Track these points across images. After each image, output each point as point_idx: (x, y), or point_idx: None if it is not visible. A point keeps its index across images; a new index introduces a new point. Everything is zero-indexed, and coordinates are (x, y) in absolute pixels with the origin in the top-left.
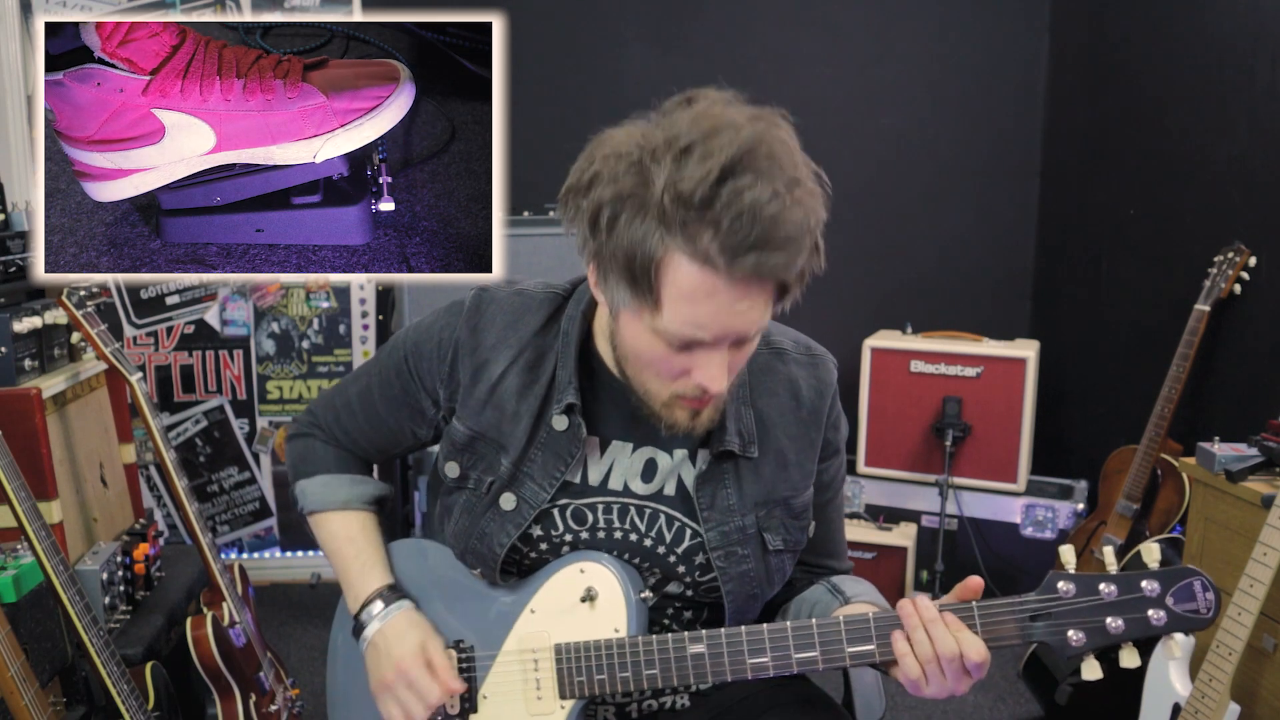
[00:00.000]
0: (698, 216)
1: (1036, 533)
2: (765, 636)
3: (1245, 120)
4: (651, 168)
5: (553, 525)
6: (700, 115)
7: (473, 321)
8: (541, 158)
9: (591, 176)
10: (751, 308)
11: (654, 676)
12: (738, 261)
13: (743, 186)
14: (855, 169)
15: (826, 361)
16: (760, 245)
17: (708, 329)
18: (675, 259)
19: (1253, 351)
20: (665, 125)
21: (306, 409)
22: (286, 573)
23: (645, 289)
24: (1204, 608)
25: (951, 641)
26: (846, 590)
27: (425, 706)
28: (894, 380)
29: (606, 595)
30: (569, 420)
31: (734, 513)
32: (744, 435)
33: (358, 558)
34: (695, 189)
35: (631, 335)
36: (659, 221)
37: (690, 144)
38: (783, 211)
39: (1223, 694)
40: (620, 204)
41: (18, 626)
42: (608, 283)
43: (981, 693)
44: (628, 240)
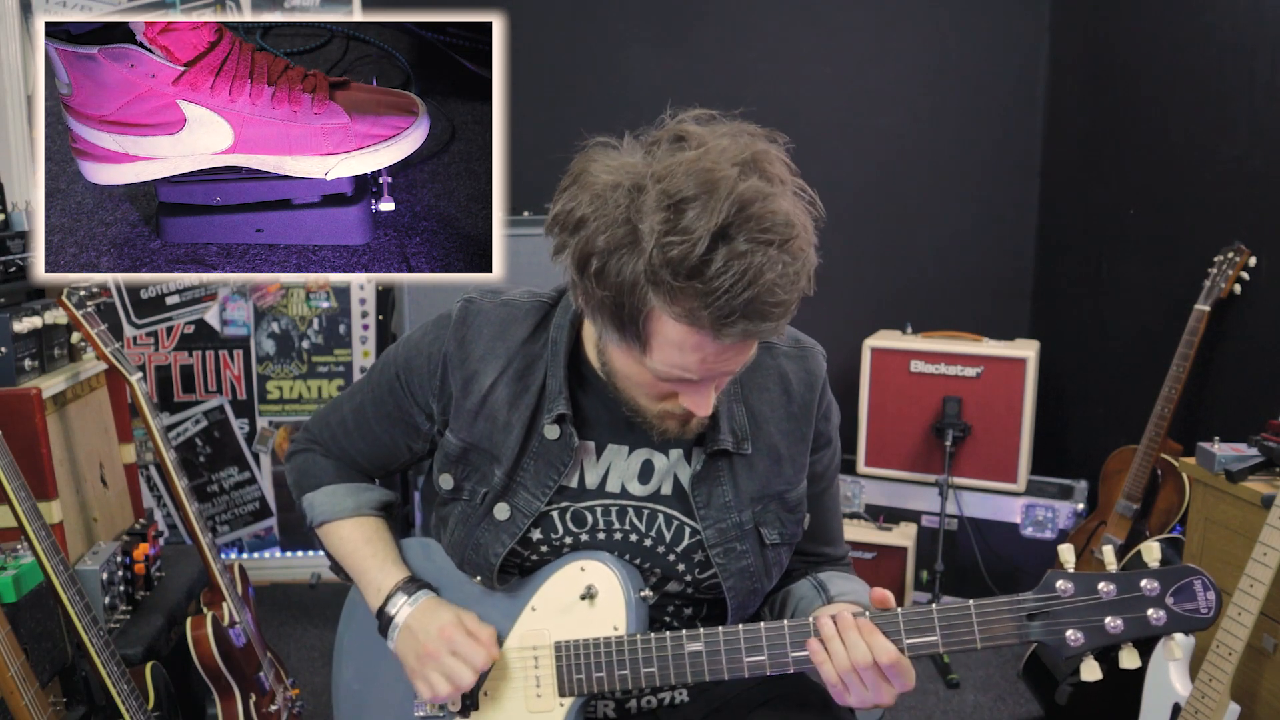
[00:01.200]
0: (687, 285)
1: (1036, 533)
2: (762, 635)
3: (1245, 120)
4: (642, 222)
5: (552, 528)
6: (693, 166)
7: (460, 334)
8: (541, 158)
9: (580, 218)
10: (738, 356)
11: (652, 674)
12: (726, 330)
13: (735, 253)
14: (855, 169)
15: (815, 353)
16: (749, 316)
17: (694, 372)
18: (663, 316)
19: (1253, 351)
20: (656, 170)
21: (303, 428)
22: (286, 573)
23: (633, 335)
24: (1204, 607)
25: (863, 648)
26: (832, 589)
27: (472, 670)
28: (894, 380)
29: (606, 593)
30: (561, 429)
31: (730, 509)
32: (737, 433)
33: (375, 556)
34: (687, 255)
35: (620, 363)
36: (649, 279)
37: (682, 200)
38: (774, 278)
39: (1223, 694)
40: (609, 256)
41: (18, 626)
42: (595, 320)
43: (981, 693)
44: (615, 290)
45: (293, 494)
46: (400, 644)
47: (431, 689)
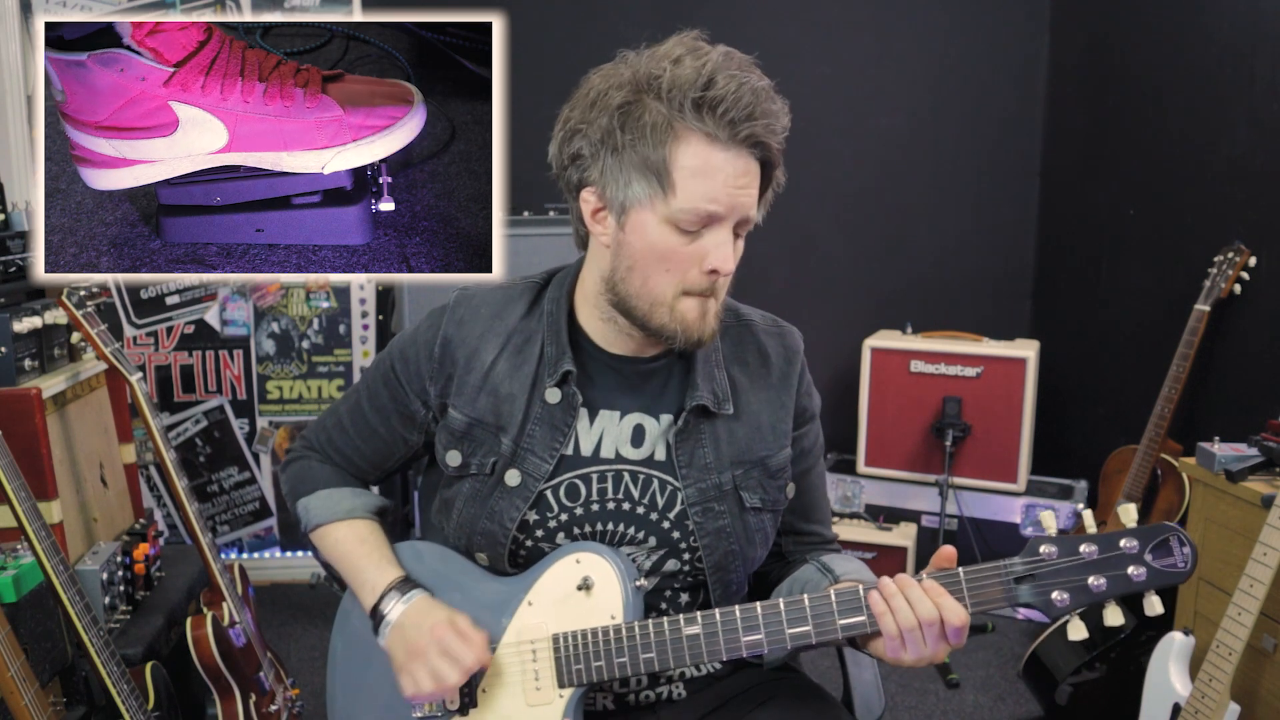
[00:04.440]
0: (700, 99)
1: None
2: (759, 614)
3: (1245, 120)
4: (651, 72)
5: (548, 507)
6: (675, 42)
7: (457, 315)
8: (541, 158)
9: (595, 95)
10: (750, 183)
11: (650, 660)
12: (739, 130)
13: (732, 76)
14: (855, 169)
15: (793, 333)
16: (755, 117)
17: (719, 201)
18: (685, 140)
19: (1253, 351)
20: (647, 54)
21: (299, 437)
22: (286, 573)
23: (661, 174)
24: (1181, 561)
25: (930, 606)
26: (836, 569)
27: (460, 670)
28: (894, 380)
29: (602, 583)
30: (562, 392)
31: (710, 470)
32: (718, 394)
33: (369, 556)
34: (696, 78)
35: (642, 234)
36: (668, 109)
37: (679, 56)
38: (765, 92)
39: (1223, 694)
40: (628, 109)
41: (18, 626)
42: (619, 185)
43: (981, 693)
44: (642, 132)
45: (287, 501)
46: (391, 641)
47: (416, 686)
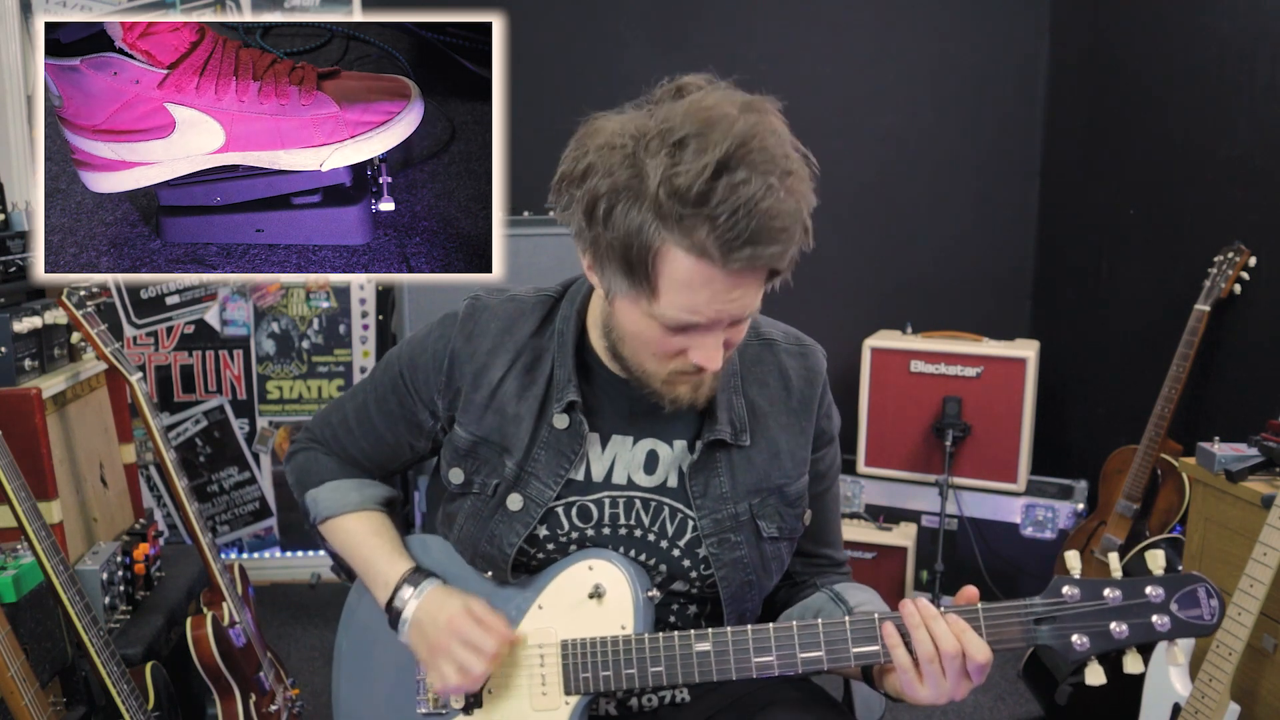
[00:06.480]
0: (694, 212)
1: (1036, 533)
2: (771, 635)
3: (1245, 120)
4: (646, 161)
5: (558, 524)
6: (693, 107)
7: (467, 329)
8: (541, 158)
9: (586, 167)
10: (745, 294)
11: (659, 674)
12: (733, 255)
13: (737, 181)
14: (855, 169)
15: (816, 352)
16: (755, 240)
17: (703, 314)
18: (671, 251)
19: (1253, 351)
20: (658, 116)
21: (303, 428)
22: (286, 573)
23: (642, 278)
24: (1208, 614)
25: (953, 639)
26: (850, 599)
27: (484, 659)
28: (894, 380)
29: (614, 592)
30: (570, 418)
31: (726, 500)
32: (735, 424)
33: (380, 549)
34: (691, 184)
35: (628, 320)
36: (655, 215)
37: (684, 137)
38: (776, 204)
39: (1223, 694)
40: (616, 196)
41: (18, 626)
42: (604, 271)
43: (981, 693)
44: (624, 231)
45: (294, 492)
46: (412, 638)
47: (444, 681)
